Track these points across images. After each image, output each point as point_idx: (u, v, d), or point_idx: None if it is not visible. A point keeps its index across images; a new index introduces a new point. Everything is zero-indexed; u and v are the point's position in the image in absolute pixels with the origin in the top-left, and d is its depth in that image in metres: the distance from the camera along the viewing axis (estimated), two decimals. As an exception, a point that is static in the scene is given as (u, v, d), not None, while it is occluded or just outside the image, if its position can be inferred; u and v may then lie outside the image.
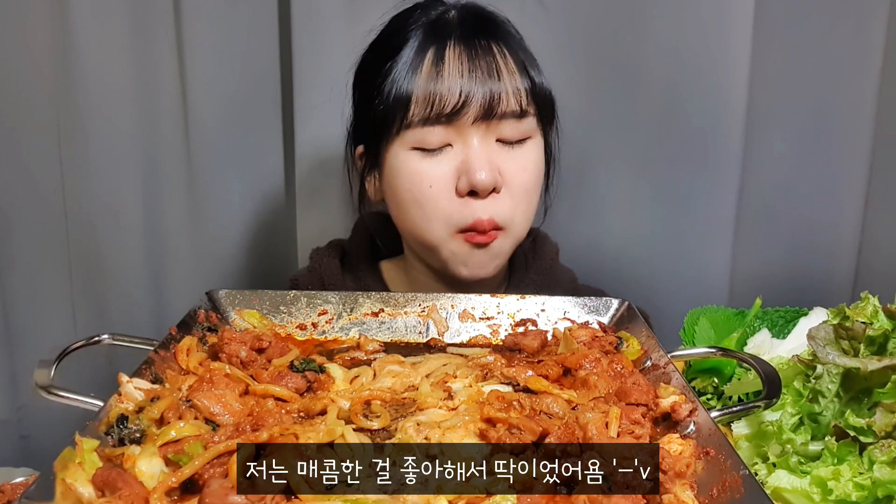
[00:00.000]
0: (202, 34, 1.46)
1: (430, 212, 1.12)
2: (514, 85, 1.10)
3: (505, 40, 1.13)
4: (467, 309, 1.04)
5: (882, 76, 1.49)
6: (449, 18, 1.15)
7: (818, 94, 1.51)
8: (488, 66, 1.09)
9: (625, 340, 0.95)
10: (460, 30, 1.13)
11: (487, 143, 1.11)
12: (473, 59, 1.09)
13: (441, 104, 1.08)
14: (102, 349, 0.95)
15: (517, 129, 1.12)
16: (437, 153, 1.11)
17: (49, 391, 0.79)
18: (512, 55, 1.13)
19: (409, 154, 1.11)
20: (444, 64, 1.09)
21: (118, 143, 1.47)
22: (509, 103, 1.10)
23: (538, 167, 1.17)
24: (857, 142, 1.53)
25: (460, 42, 1.11)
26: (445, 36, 1.11)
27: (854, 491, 0.75)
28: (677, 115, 1.49)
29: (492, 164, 1.10)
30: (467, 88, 1.08)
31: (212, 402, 0.78)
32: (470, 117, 1.09)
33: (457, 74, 1.09)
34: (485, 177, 1.08)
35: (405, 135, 1.11)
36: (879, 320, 0.91)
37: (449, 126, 1.09)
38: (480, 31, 1.13)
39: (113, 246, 1.51)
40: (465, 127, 1.09)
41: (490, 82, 1.09)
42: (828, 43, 1.48)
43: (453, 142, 1.11)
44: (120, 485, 0.62)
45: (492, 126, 1.10)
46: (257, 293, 1.04)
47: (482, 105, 1.08)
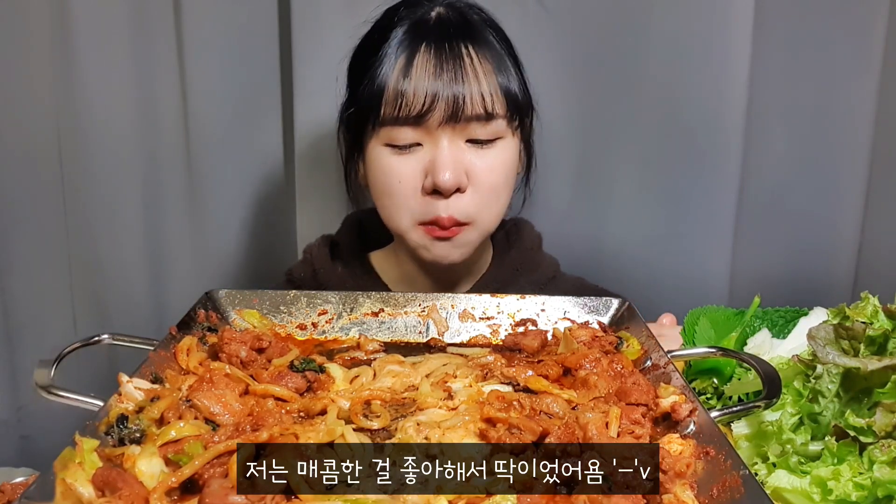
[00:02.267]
0: (202, 34, 1.46)
1: (396, 204, 1.17)
2: (480, 88, 1.12)
3: (478, 42, 1.15)
4: (467, 309, 1.04)
5: (882, 76, 1.49)
6: (429, 19, 1.16)
7: (818, 94, 1.51)
8: (456, 70, 1.11)
9: (625, 340, 0.95)
10: (437, 31, 1.14)
11: (456, 143, 1.13)
12: (442, 62, 1.12)
13: (408, 106, 1.11)
14: (102, 349, 0.95)
15: (486, 131, 1.14)
16: (407, 151, 1.14)
17: (49, 391, 0.79)
18: (482, 58, 1.14)
19: (382, 150, 1.15)
20: (414, 66, 1.12)
21: (118, 144, 1.47)
22: (475, 106, 1.12)
23: (508, 166, 1.19)
24: (857, 142, 1.53)
25: (433, 44, 1.13)
26: (420, 37, 1.13)
27: (854, 491, 0.75)
28: (677, 116, 1.49)
29: (457, 165, 1.12)
30: (433, 92, 1.10)
31: (212, 402, 0.78)
32: (436, 119, 1.11)
33: (424, 77, 1.11)
34: (448, 178, 1.11)
35: (379, 131, 1.15)
36: (879, 320, 0.91)
37: (418, 127, 1.12)
38: (456, 33, 1.14)
39: (113, 246, 1.51)
40: (433, 128, 1.12)
41: (456, 86, 1.11)
42: (828, 43, 1.48)
43: (423, 141, 1.13)
44: (120, 485, 0.62)
45: (460, 128, 1.12)
46: (257, 293, 1.04)
47: (447, 108, 1.10)
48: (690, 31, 1.45)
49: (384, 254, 1.34)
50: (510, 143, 1.18)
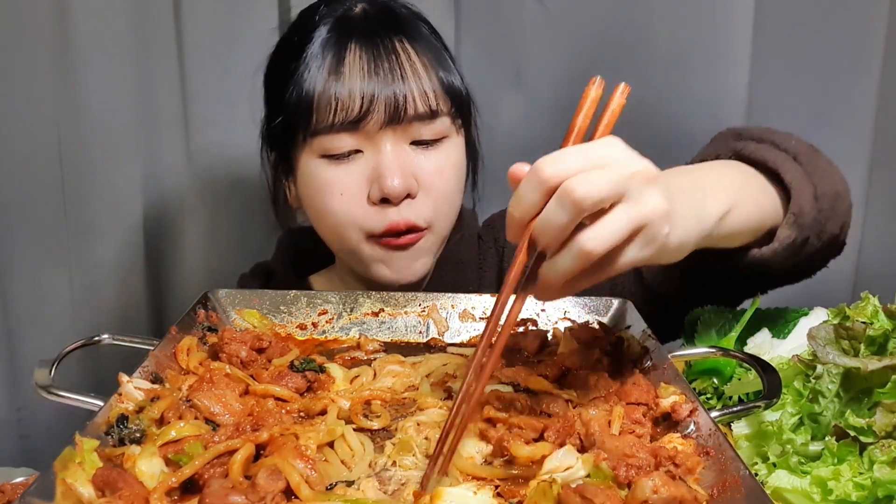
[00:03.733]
0: (202, 34, 1.46)
1: (340, 220, 1.08)
2: (420, 85, 1.04)
3: (412, 37, 1.07)
4: (467, 309, 1.04)
5: (882, 76, 1.49)
6: (352, 15, 1.08)
7: (818, 94, 1.51)
8: (391, 67, 1.03)
9: (625, 340, 0.95)
10: (364, 27, 1.06)
11: (399, 147, 1.06)
12: (375, 59, 1.03)
13: (344, 110, 1.02)
14: (102, 349, 0.95)
15: (431, 130, 1.06)
16: (347, 160, 1.06)
17: (49, 391, 0.79)
18: (420, 53, 1.07)
19: (318, 162, 1.06)
20: (345, 66, 1.03)
21: (118, 143, 1.47)
22: (417, 105, 1.04)
23: (457, 167, 1.12)
24: (857, 142, 1.53)
25: (362, 41, 1.04)
26: (347, 34, 1.05)
27: (854, 491, 0.75)
28: (677, 116, 1.49)
29: (404, 170, 1.05)
30: (370, 92, 1.02)
31: (212, 402, 0.78)
32: (376, 123, 1.03)
33: (358, 77, 1.03)
34: (397, 184, 1.03)
35: (312, 142, 1.06)
36: (879, 320, 0.91)
37: (356, 132, 1.04)
38: (387, 27, 1.06)
39: (113, 246, 1.51)
40: (374, 132, 1.04)
41: (395, 84, 1.03)
42: (828, 43, 1.48)
43: (363, 148, 1.05)
44: (120, 485, 0.62)
45: (402, 129, 1.05)
46: (257, 293, 1.04)
47: (387, 109, 1.03)
48: (690, 32, 1.45)
49: (325, 276, 1.26)
50: (456, 142, 1.11)
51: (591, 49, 1.48)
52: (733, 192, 0.86)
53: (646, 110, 1.49)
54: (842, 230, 1.01)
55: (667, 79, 1.48)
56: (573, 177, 0.64)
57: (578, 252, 0.64)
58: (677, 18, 1.45)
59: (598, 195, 0.63)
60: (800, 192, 0.94)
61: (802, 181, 0.95)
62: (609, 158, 0.66)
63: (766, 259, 0.95)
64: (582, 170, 0.65)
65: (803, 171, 0.96)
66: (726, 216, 0.82)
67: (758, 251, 0.94)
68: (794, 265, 1.00)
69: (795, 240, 0.94)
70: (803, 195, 0.94)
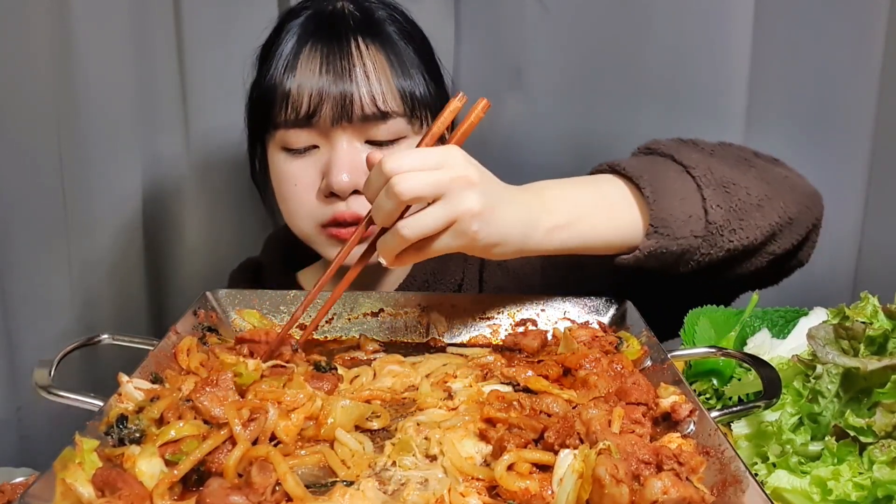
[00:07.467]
0: (202, 34, 1.46)
1: (294, 209, 1.13)
2: (370, 87, 1.07)
3: (376, 38, 1.10)
4: (467, 309, 1.04)
5: (882, 76, 1.49)
6: (324, 13, 1.11)
7: (818, 94, 1.51)
8: (343, 66, 1.06)
9: (625, 340, 0.95)
10: (328, 26, 1.09)
11: (353, 145, 1.09)
12: (328, 58, 1.07)
13: (295, 107, 1.06)
14: (102, 349, 0.95)
15: (385, 131, 1.09)
16: (304, 154, 1.10)
17: (49, 391, 0.79)
18: (381, 55, 1.09)
19: (279, 154, 1.12)
20: (299, 63, 1.07)
21: (118, 143, 1.47)
22: (366, 105, 1.06)
23: None
24: (857, 142, 1.53)
25: (321, 40, 1.08)
26: (309, 33, 1.09)
27: (854, 491, 0.75)
28: (677, 116, 1.49)
29: (353, 166, 1.07)
30: (318, 90, 1.06)
31: (213, 404, 0.77)
32: (326, 120, 1.06)
33: (309, 75, 1.06)
34: (345, 179, 1.06)
35: (274, 135, 1.11)
36: (879, 320, 0.91)
37: (311, 128, 1.08)
38: (351, 28, 1.09)
39: (113, 246, 1.51)
40: (328, 129, 1.07)
41: (342, 83, 1.06)
42: (828, 43, 1.48)
43: (319, 143, 1.09)
44: (120, 485, 0.62)
45: (354, 128, 1.08)
46: (257, 293, 1.05)
47: (335, 107, 1.06)
48: (691, 30, 1.45)
49: (312, 270, 1.29)
50: (414, 143, 1.11)
51: (591, 49, 1.48)
52: (581, 206, 0.95)
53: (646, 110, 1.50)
54: (774, 239, 1.03)
55: (667, 78, 1.47)
56: (403, 174, 0.80)
57: (397, 235, 0.82)
58: (677, 18, 1.44)
59: (416, 192, 0.80)
60: (665, 205, 0.95)
61: (675, 194, 0.97)
62: (443, 163, 0.82)
63: (632, 265, 0.97)
64: (415, 169, 0.80)
65: (695, 185, 0.98)
66: (563, 228, 0.92)
67: (623, 258, 0.98)
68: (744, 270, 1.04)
69: (668, 248, 0.96)
70: (672, 207, 0.96)
